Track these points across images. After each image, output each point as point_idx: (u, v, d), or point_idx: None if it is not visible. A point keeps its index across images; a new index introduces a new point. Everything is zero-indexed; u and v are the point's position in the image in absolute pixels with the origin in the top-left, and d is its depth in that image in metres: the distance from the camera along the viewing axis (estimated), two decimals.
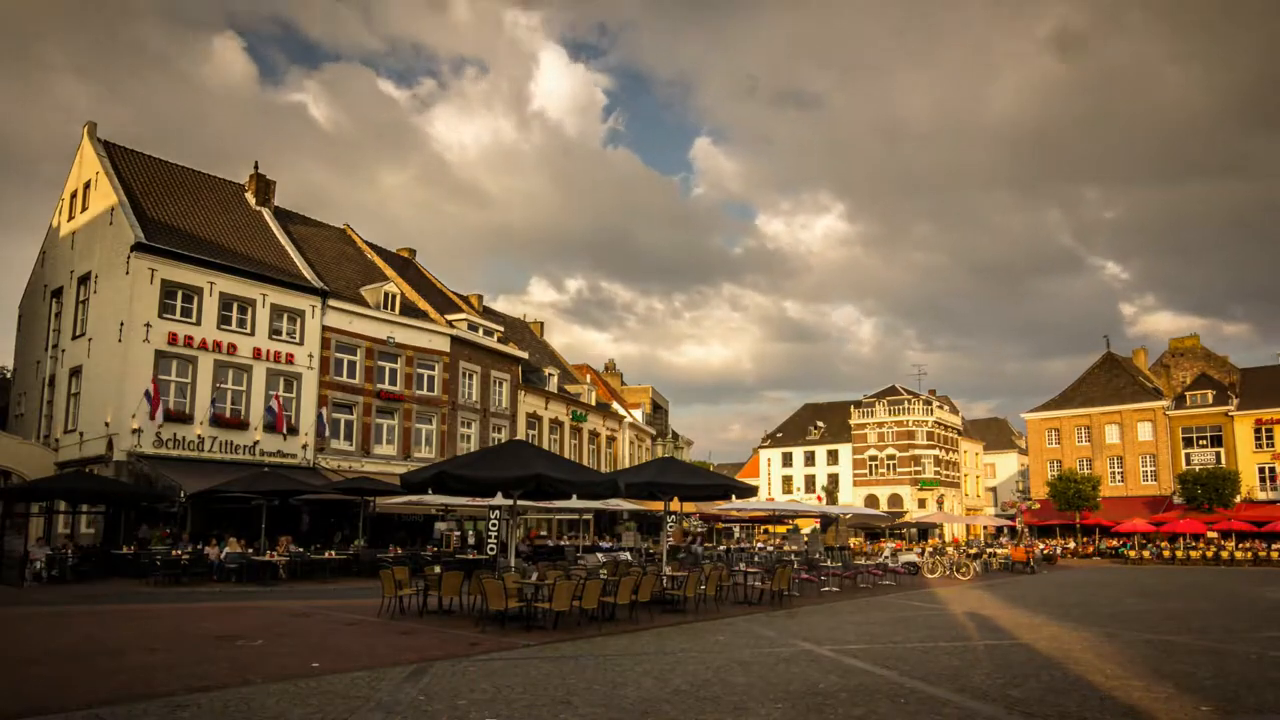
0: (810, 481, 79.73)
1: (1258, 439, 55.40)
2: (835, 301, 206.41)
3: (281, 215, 37.99)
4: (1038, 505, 61.35)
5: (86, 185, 32.47)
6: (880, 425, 77.13)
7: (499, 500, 22.56)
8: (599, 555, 27.52)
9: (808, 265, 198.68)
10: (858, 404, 79.83)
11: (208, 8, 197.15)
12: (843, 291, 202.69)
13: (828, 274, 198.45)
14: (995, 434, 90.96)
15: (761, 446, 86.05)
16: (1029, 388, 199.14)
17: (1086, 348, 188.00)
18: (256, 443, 30.39)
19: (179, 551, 23.40)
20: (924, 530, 55.59)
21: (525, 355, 45.74)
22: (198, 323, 29.48)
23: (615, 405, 57.40)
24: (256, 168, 37.96)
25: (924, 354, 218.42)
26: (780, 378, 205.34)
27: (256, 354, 31.03)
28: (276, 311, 32.05)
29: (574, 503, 26.28)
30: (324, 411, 32.87)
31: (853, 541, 47.44)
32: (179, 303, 29.14)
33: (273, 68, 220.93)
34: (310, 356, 32.84)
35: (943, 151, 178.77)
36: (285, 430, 30.78)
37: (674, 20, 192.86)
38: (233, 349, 30.35)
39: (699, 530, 49.76)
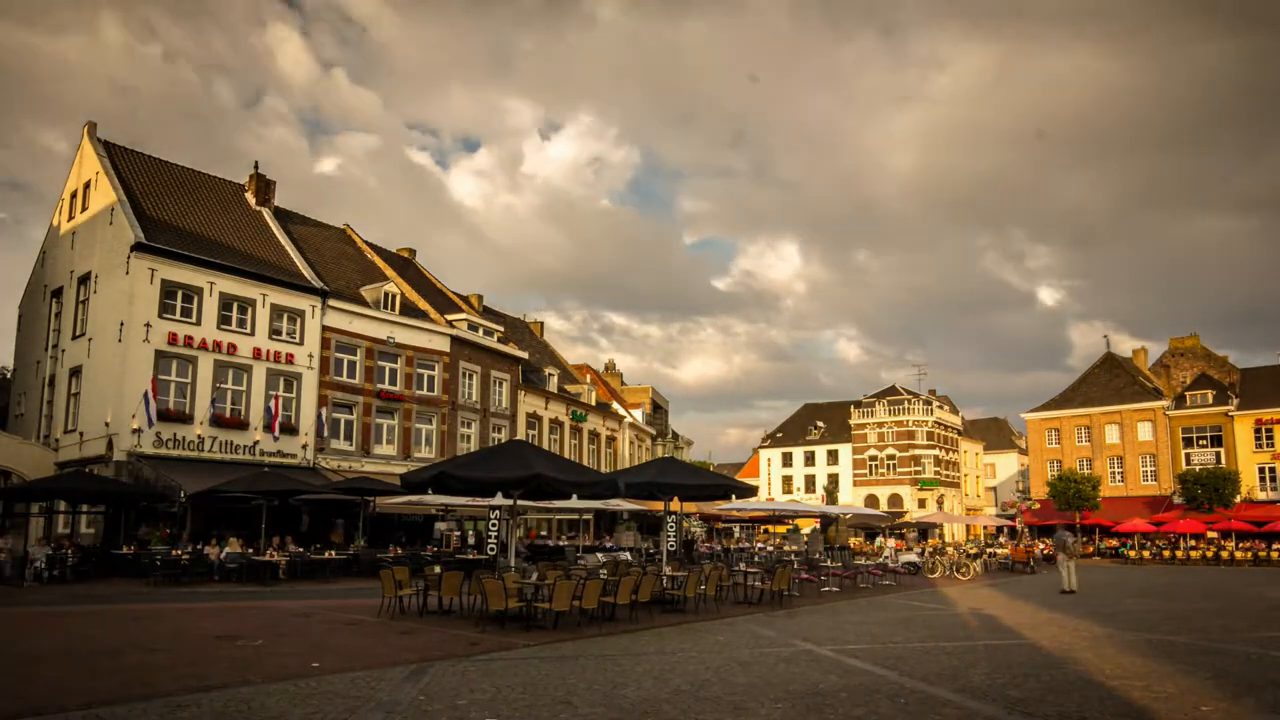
0: (810, 481, 79.71)
1: (1258, 439, 55.40)
2: (814, 329, 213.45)
3: (281, 215, 37.98)
4: (1038, 505, 61.34)
5: (86, 185, 32.47)
6: (880, 425, 77.15)
7: (499, 500, 22.55)
8: (599, 555, 27.52)
9: (782, 299, 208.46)
10: (858, 404, 79.84)
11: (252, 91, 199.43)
12: (821, 320, 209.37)
13: (803, 305, 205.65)
14: (995, 434, 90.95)
15: (761, 447, 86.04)
16: (1004, 399, 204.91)
17: (1049, 364, 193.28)
18: (256, 443, 30.39)
19: (179, 551, 23.42)
20: (924, 530, 55.57)
21: (525, 355, 45.74)
22: (198, 323, 29.48)
23: (615, 405, 57.40)
24: (256, 168, 37.97)
25: (897, 371, 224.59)
26: (772, 389, 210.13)
27: (256, 354, 31.03)
28: (276, 311, 32.05)
29: (574, 503, 26.26)
30: (324, 411, 32.86)
31: (852, 541, 47.43)
32: (179, 303, 29.14)
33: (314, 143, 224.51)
34: (310, 356, 32.84)
35: (892, 201, 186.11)
36: (278, 431, 30.68)
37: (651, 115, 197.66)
38: (233, 349, 30.35)
39: (698, 531, 49.74)
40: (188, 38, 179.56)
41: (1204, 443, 57.79)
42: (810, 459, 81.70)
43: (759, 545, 43.03)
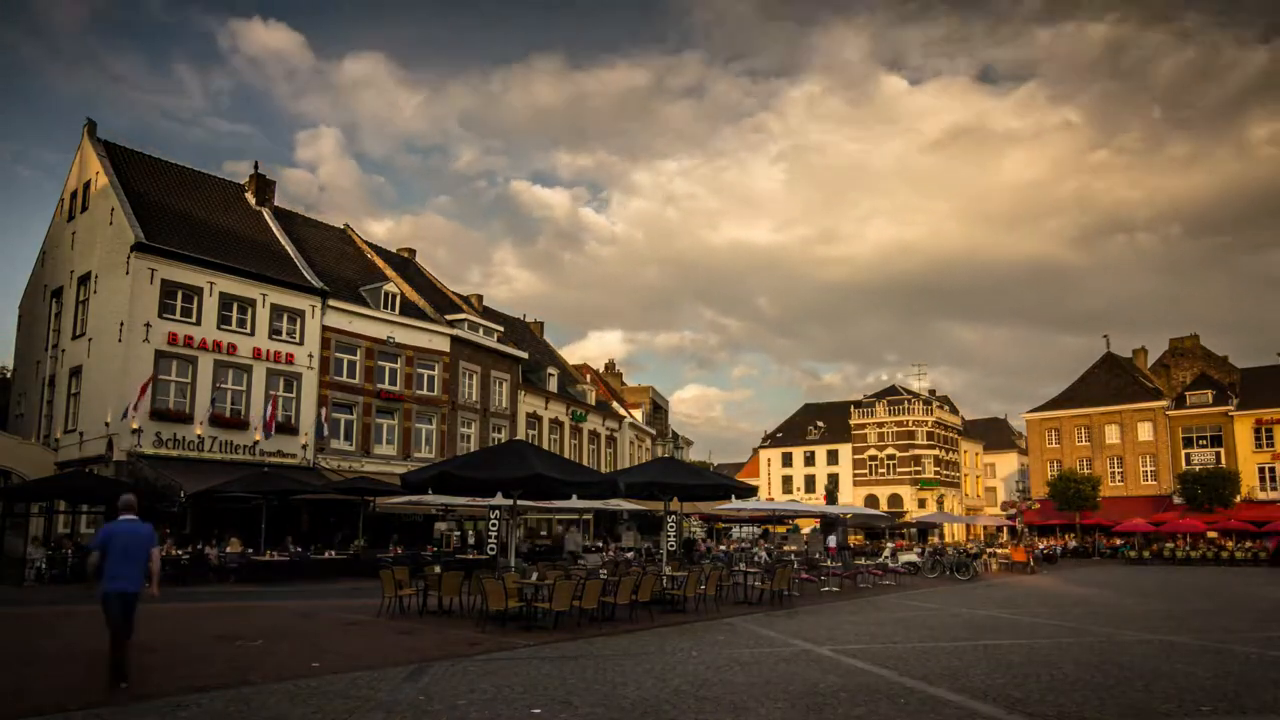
0: (810, 481, 79.69)
1: (1258, 439, 55.38)
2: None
3: (281, 215, 37.97)
4: (1037, 505, 61.33)
5: (86, 185, 32.46)
6: (880, 425, 77.15)
7: (499, 500, 22.56)
8: (599, 555, 27.53)
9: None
10: (858, 404, 79.85)
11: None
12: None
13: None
14: (995, 434, 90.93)
15: (761, 447, 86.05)
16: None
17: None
18: (256, 443, 30.37)
19: (178, 551, 23.42)
20: (924, 530, 55.55)
21: (525, 355, 45.72)
22: (198, 323, 29.47)
23: (615, 405, 57.39)
24: (256, 167, 37.98)
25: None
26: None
27: (256, 354, 31.02)
28: (276, 311, 32.03)
29: (574, 503, 26.29)
30: (324, 412, 32.84)
31: (852, 540, 47.36)
32: (179, 303, 29.13)
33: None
34: (310, 356, 32.83)
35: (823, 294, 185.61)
36: (272, 431, 30.59)
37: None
38: (233, 349, 30.34)
39: (700, 534, 49.70)
40: None
41: (1204, 443, 57.78)
42: (810, 459, 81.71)
43: (761, 546, 42.94)
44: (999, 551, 40.61)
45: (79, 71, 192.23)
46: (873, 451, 77.33)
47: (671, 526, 23.53)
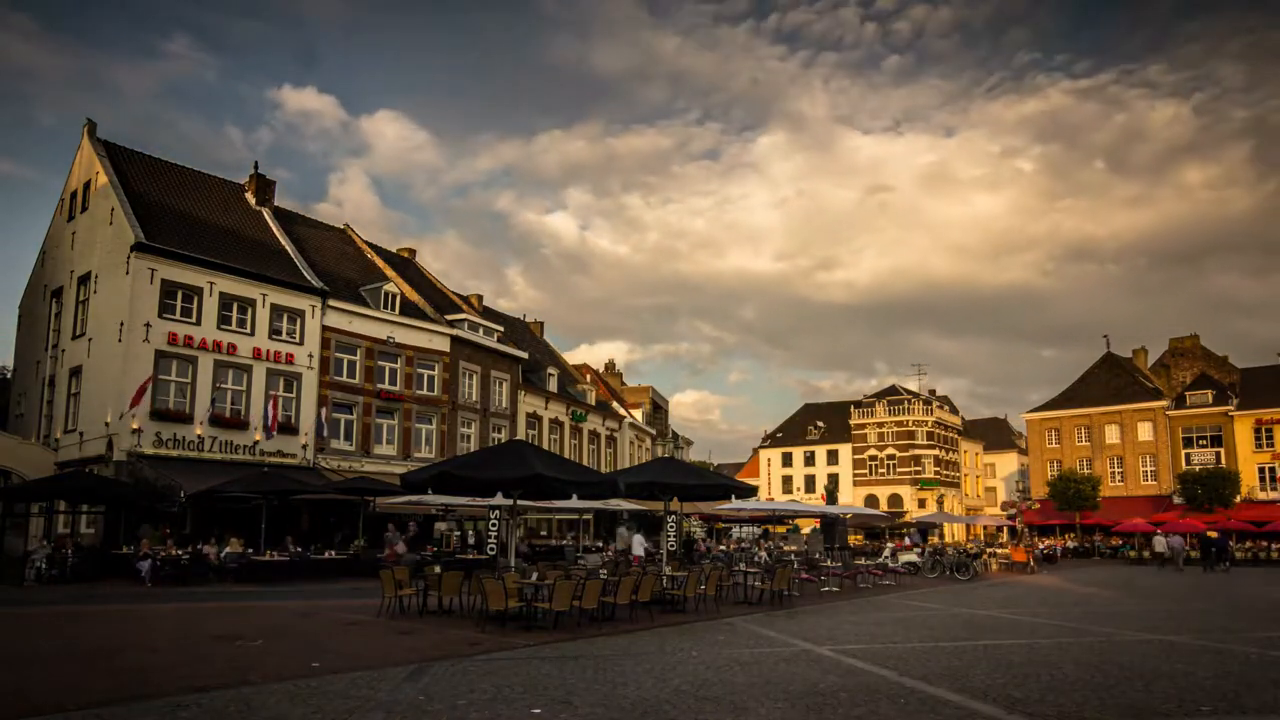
0: (810, 481, 79.69)
1: (1258, 439, 55.39)
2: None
3: (281, 215, 37.97)
4: (1037, 505, 61.35)
5: (86, 185, 32.46)
6: (880, 425, 77.15)
7: (499, 500, 22.55)
8: (599, 555, 27.53)
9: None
10: (858, 404, 79.85)
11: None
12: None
13: None
14: (995, 434, 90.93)
15: (761, 447, 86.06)
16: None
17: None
18: (256, 443, 30.38)
19: (179, 551, 23.42)
20: (924, 530, 55.54)
21: (525, 355, 45.73)
22: (198, 323, 29.47)
23: (615, 405, 57.39)
24: (256, 167, 38.02)
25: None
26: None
27: (256, 354, 31.03)
28: (276, 311, 32.04)
29: (574, 503, 26.27)
30: (324, 412, 32.84)
31: (851, 539, 47.34)
32: (179, 303, 29.14)
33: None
34: (310, 356, 32.84)
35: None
36: (274, 432, 30.60)
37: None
38: (233, 349, 30.34)
39: (700, 534, 49.68)
40: None
41: (1204, 443, 57.79)
42: (810, 459, 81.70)
43: (761, 545, 42.91)
44: (999, 551, 40.60)
45: (151, 132, 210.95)
46: (873, 451, 77.33)
47: (671, 526, 23.52)
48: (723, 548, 39.65)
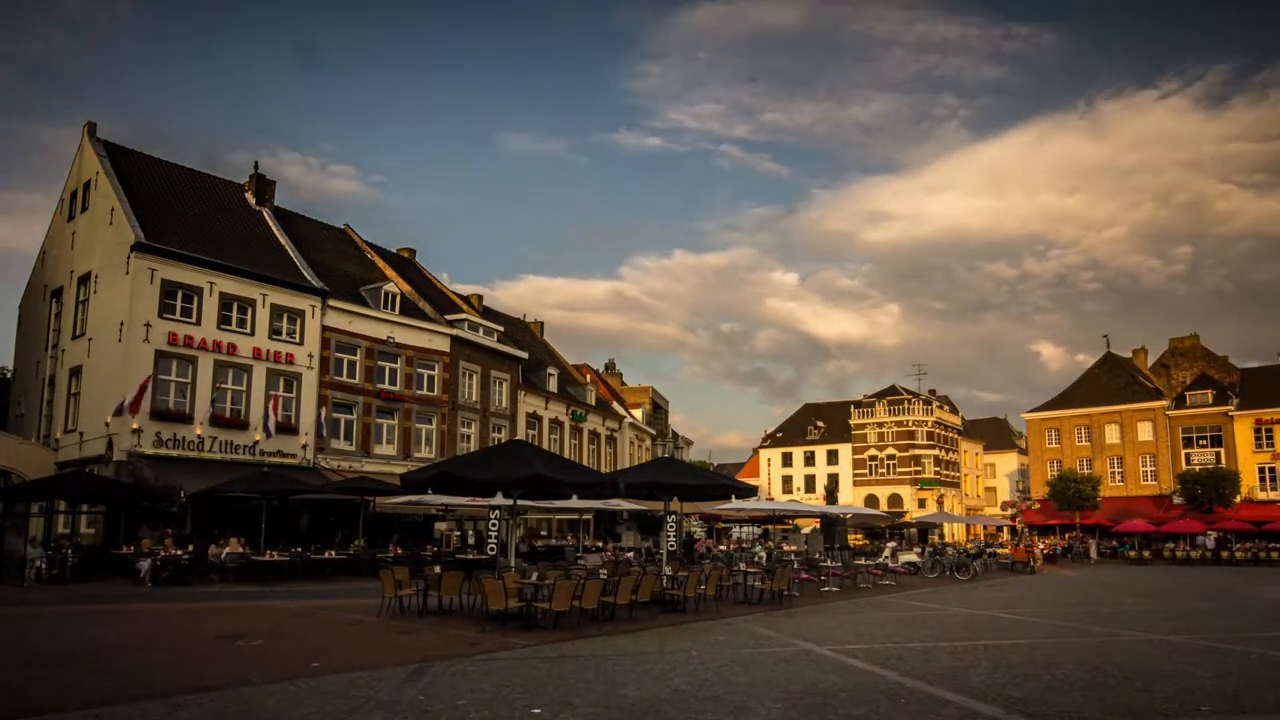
0: (810, 481, 79.67)
1: (1258, 439, 55.38)
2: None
3: (281, 215, 37.95)
4: (1037, 505, 61.35)
5: (86, 185, 32.45)
6: (880, 425, 77.11)
7: (499, 500, 22.56)
8: (599, 555, 27.55)
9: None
10: (858, 404, 79.81)
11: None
12: None
13: None
14: (995, 434, 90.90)
15: (761, 447, 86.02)
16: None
17: None
18: (256, 443, 30.37)
19: (178, 551, 23.41)
20: (924, 530, 55.56)
21: (525, 355, 45.72)
22: (198, 323, 29.46)
23: (615, 405, 57.39)
24: (256, 167, 38.00)
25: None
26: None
27: (256, 354, 31.02)
28: (276, 311, 32.03)
29: (574, 503, 26.29)
30: (324, 412, 32.83)
31: (851, 539, 47.36)
32: (179, 303, 29.12)
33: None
34: (310, 356, 32.82)
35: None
36: (274, 431, 30.56)
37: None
38: (233, 349, 30.33)
39: (699, 534, 49.68)
40: None
41: (1204, 443, 57.78)
42: (810, 459, 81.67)
43: (759, 546, 42.92)
44: (999, 551, 40.60)
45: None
46: (873, 451, 77.30)
47: (671, 526, 23.53)
48: (722, 547, 39.68)
